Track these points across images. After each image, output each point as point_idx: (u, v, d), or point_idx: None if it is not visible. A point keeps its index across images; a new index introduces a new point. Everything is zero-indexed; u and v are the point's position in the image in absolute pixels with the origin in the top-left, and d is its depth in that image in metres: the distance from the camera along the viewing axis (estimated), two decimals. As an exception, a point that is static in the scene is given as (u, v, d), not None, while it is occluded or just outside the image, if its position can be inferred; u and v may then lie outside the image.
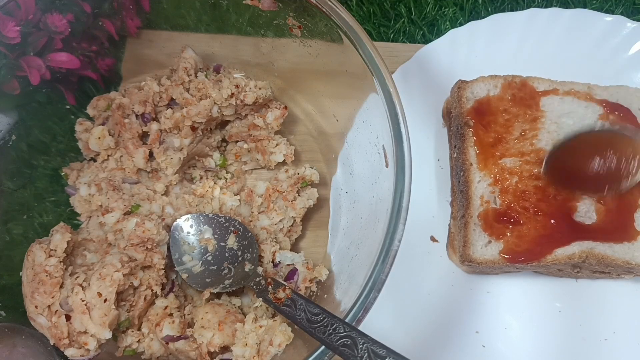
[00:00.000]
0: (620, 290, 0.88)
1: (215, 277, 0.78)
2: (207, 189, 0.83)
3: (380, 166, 0.71)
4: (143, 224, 0.75)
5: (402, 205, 0.64)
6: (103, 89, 0.89)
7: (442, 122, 0.98)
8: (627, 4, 1.08)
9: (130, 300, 0.74)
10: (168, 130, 0.83)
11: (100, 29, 0.84)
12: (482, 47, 0.98)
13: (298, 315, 0.65)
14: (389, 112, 0.67)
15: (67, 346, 0.68)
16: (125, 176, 0.83)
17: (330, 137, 0.90)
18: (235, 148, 0.91)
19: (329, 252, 0.84)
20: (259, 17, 0.81)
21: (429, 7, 1.07)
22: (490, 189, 0.85)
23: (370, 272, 0.62)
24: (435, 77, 0.97)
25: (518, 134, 0.87)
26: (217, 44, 0.91)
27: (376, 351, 0.58)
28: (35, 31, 0.76)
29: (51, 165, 0.85)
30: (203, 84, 0.82)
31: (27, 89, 0.78)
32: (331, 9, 0.71)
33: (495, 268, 0.83)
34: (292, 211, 0.84)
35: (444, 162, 0.95)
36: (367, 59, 0.69)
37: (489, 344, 0.84)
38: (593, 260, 0.80)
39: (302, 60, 0.83)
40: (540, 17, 0.99)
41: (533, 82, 0.90)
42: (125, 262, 0.72)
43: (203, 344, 0.72)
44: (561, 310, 0.87)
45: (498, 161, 0.85)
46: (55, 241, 0.71)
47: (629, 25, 0.98)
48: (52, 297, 0.68)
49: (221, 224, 0.80)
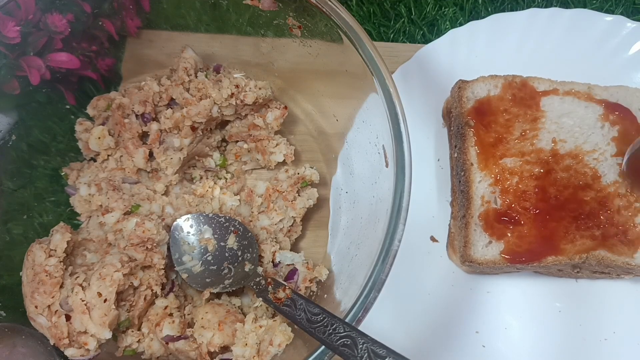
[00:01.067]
0: (620, 291, 0.88)
1: (215, 277, 0.77)
2: (207, 189, 0.83)
3: (380, 166, 0.71)
4: (143, 224, 0.75)
5: (402, 205, 0.64)
6: (103, 89, 0.89)
7: (442, 122, 0.97)
8: (627, 4, 1.08)
9: (130, 300, 0.74)
10: (168, 130, 0.83)
11: (100, 29, 0.84)
12: (482, 47, 0.98)
13: (298, 315, 0.65)
14: (389, 112, 0.67)
15: (67, 346, 0.68)
16: (125, 176, 0.83)
17: (330, 137, 0.90)
18: (235, 148, 0.91)
19: (329, 252, 0.84)
20: (259, 17, 0.81)
21: (429, 7, 1.07)
22: (490, 189, 0.85)
23: (370, 272, 0.62)
24: (435, 77, 0.97)
25: (518, 134, 0.87)
26: (217, 44, 0.91)
27: (376, 351, 0.58)
28: (35, 31, 0.76)
29: (51, 165, 0.85)
30: (203, 84, 0.82)
31: (27, 89, 0.78)
32: (331, 9, 0.71)
33: (495, 268, 0.83)
34: (292, 211, 0.84)
35: (444, 162, 0.95)
36: (367, 59, 0.69)
37: (489, 344, 0.84)
38: (593, 261, 0.80)
39: (302, 60, 0.83)
40: (540, 17, 0.99)
41: (533, 82, 0.90)
42: (125, 262, 0.72)
43: (203, 344, 0.72)
44: (561, 310, 0.87)
45: (499, 161, 0.85)
46: (55, 241, 0.71)
47: (629, 25, 0.97)
48: (52, 297, 0.68)
49: (221, 224, 0.80)
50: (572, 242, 0.81)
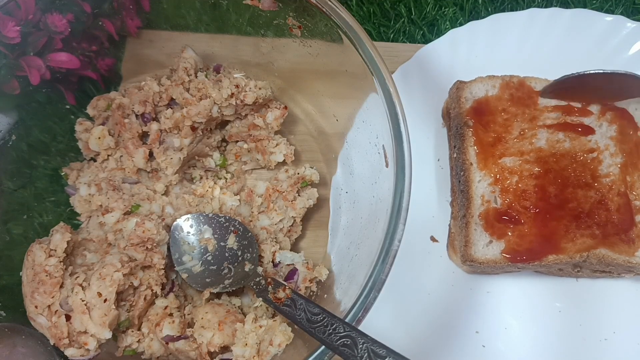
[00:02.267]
0: (620, 290, 0.88)
1: (215, 277, 0.77)
2: (207, 189, 0.83)
3: (380, 166, 0.71)
4: (143, 224, 0.75)
5: (402, 205, 0.64)
6: (103, 89, 0.89)
7: (442, 122, 0.97)
8: (627, 4, 1.08)
9: (130, 300, 0.74)
10: (168, 130, 0.83)
11: (100, 29, 0.84)
12: (482, 47, 0.98)
13: (298, 315, 0.65)
14: (389, 112, 0.67)
15: (67, 346, 0.68)
16: (125, 176, 0.83)
17: (330, 137, 0.90)
18: (235, 148, 0.91)
19: (329, 252, 0.84)
20: (259, 17, 0.81)
21: (429, 7, 1.07)
22: (490, 188, 0.85)
23: (370, 272, 0.62)
24: (435, 77, 0.97)
25: (517, 133, 0.87)
26: (217, 44, 0.91)
27: (376, 351, 0.58)
28: (35, 31, 0.76)
29: (51, 165, 0.85)
30: (203, 84, 0.82)
31: (27, 89, 0.78)
32: (331, 9, 0.71)
33: (496, 268, 0.83)
34: (292, 211, 0.84)
35: (444, 162, 0.95)
36: (367, 59, 0.69)
37: (489, 344, 0.84)
38: (594, 260, 0.80)
39: (302, 60, 0.83)
40: (540, 17, 0.99)
41: (530, 82, 0.90)
42: (125, 262, 0.72)
43: (203, 344, 0.72)
44: (561, 310, 0.87)
45: (498, 160, 0.85)
46: (55, 241, 0.70)
47: (629, 25, 0.97)
48: (52, 297, 0.68)
49: (221, 224, 0.80)
50: (572, 240, 0.81)
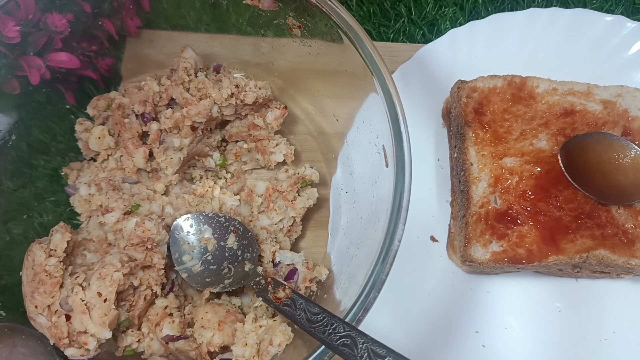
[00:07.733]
0: (620, 290, 0.88)
1: (215, 276, 0.77)
2: (207, 188, 0.83)
3: (380, 166, 0.71)
4: (143, 223, 0.75)
5: (402, 205, 0.64)
6: (103, 89, 0.89)
7: (442, 122, 0.97)
8: (627, 4, 1.08)
9: (130, 300, 0.74)
10: (168, 130, 0.83)
11: (100, 28, 0.84)
12: (482, 47, 0.98)
13: (298, 315, 0.65)
14: (389, 112, 0.67)
15: (67, 346, 0.68)
16: (125, 176, 0.83)
17: (330, 137, 0.90)
18: (235, 148, 0.91)
19: (329, 252, 0.84)
20: (259, 17, 0.81)
21: (429, 7, 1.07)
22: (490, 188, 0.85)
23: (370, 272, 0.62)
24: (435, 77, 0.97)
25: (518, 133, 0.87)
26: (217, 44, 0.91)
27: (376, 351, 0.58)
28: (35, 31, 0.76)
29: (51, 165, 0.85)
30: (203, 83, 0.82)
31: (27, 89, 0.78)
32: (331, 9, 0.71)
33: (496, 268, 0.83)
34: (292, 211, 0.84)
35: (444, 162, 0.95)
36: (367, 58, 0.69)
37: (489, 344, 0.84)
38: (593, 260, 0.80)
39: (302, 60, 0.83)
40: (540, 17, 0.99)
41: (532, 82, 0.90)
42: (125, 262, 0.72)
43: (203, 344, 0.72)
44: (561, 310, 0.87)
45: (498, 161, 0.85)
46: (55, 241, 0.70)
47: (629, 25, 0.97)
48: (52, 297, 0.68)
49: (221, 224, 0.80)
50: (572, 241, 0.81)
